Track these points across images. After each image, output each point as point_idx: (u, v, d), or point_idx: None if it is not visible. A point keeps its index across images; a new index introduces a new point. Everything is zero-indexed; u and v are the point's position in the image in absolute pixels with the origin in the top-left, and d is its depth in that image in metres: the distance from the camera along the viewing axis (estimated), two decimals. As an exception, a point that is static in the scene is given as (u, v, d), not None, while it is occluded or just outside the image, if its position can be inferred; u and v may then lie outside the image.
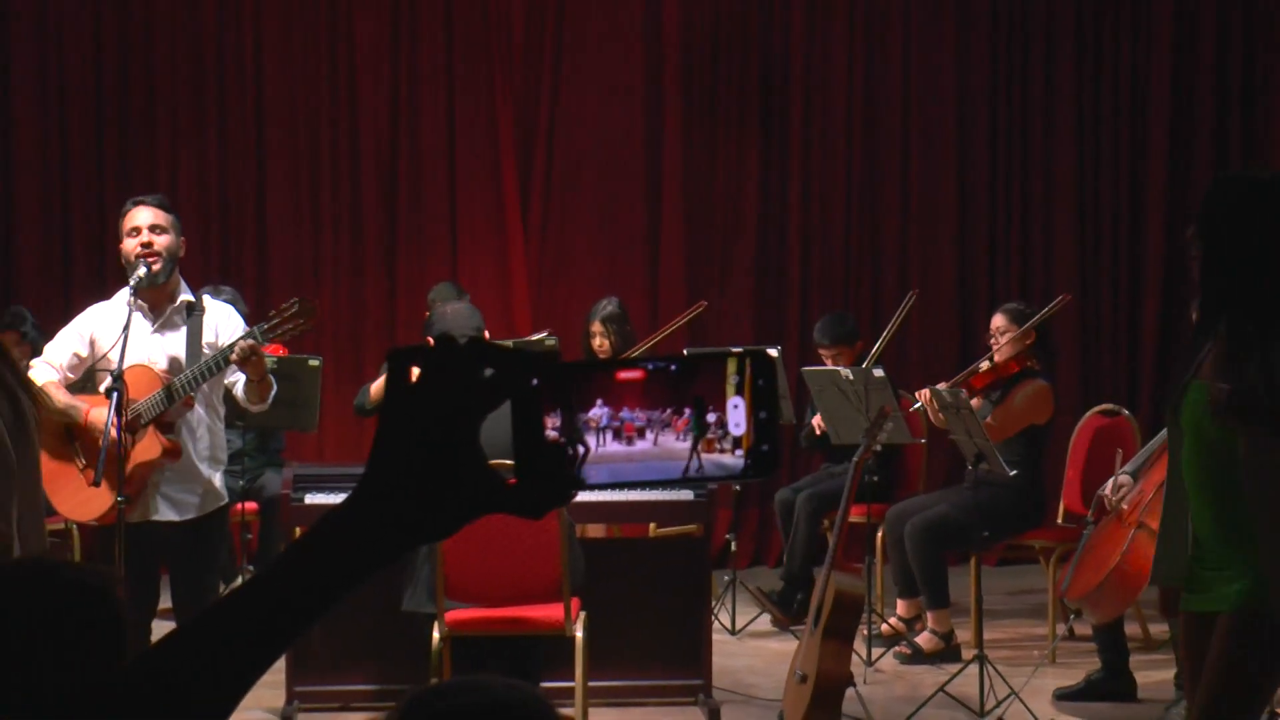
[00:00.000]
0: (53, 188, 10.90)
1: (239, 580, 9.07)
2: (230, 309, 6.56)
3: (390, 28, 11.10)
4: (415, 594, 6.54)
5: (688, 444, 1.43)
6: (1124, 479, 6.45)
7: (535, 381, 1.42)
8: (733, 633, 8.81)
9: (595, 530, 8.58)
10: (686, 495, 7.30)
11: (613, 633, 7.14)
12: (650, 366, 1.44)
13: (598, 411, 1.43)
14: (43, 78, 10.88)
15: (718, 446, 1.43)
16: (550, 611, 6.49)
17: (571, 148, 11.24)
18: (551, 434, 1.42)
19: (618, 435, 1.43)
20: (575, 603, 6.52)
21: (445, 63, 11.14)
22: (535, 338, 8.54)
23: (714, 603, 8.02)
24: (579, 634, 6.49)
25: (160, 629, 6.44)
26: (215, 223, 10.96)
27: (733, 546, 9.33)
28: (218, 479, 6.33)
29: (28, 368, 6.85)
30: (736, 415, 1.43)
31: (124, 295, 6.22)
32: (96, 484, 5.99)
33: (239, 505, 8.31)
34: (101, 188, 10.88)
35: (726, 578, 9.06)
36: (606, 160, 11.25)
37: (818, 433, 9.01)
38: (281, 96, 11.03)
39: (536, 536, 6.39)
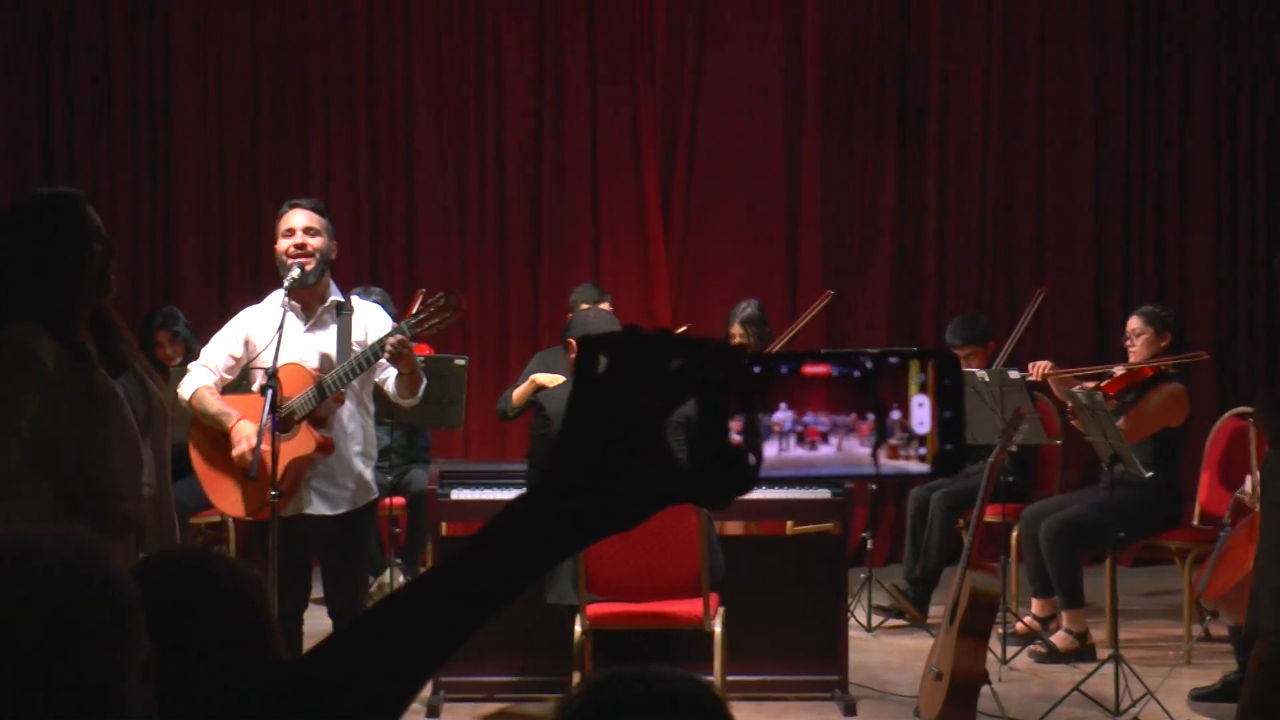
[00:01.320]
0: (211, 193, 11.16)
1: (387, 574, 9.28)
2: (379, 309, 6.70)
3: (535, 36, 11.25)
4: (558, 587, 6.65)
5: (870, 451, 1.42)
6: (1260, 480, 6.45)
7: (722, 376, 1.40)
8: (868, 629, 8.87)
9: (734, 527, 8.66)
10: (824, 493, 7.37)
11: (751, 628, 7.23)
12: (837, 367, 1.42)
13: (781, 415, 1.41)
14: (203, 87, 11.14)
15: (902, 453, 1.43)
16: (690, 606, 6.57)
17: (712, 152, 11.34)
18: (735, 437, 1.41)
19: (801, 440, 1.41)
20: (714, 598, 6.60)
21: (589, 69, 11.28)
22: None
23: (850, 600, 8.09)
24: (717, 629, 6.57)
25: (311, 619, 6.63)
26: (365, 226, 11.17)
27: (869, 544, 9.39)
28: (368, 473, 6.44)
29: (183, 368, 7.09)
30: (921, 414, 1.42)
31: (278, 296, 6.36)
32: (251, 479, 6.15)
33: (387, 500, 8.47)
34: (257, 193, 11.13)
35: (863, 575, 9.12)
36: (746, 164, 11.34)
37: None
38: (430, 104, 11.22)
39: (676, 532, 6.48)
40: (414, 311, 6.28)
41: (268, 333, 6.21)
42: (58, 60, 11.06)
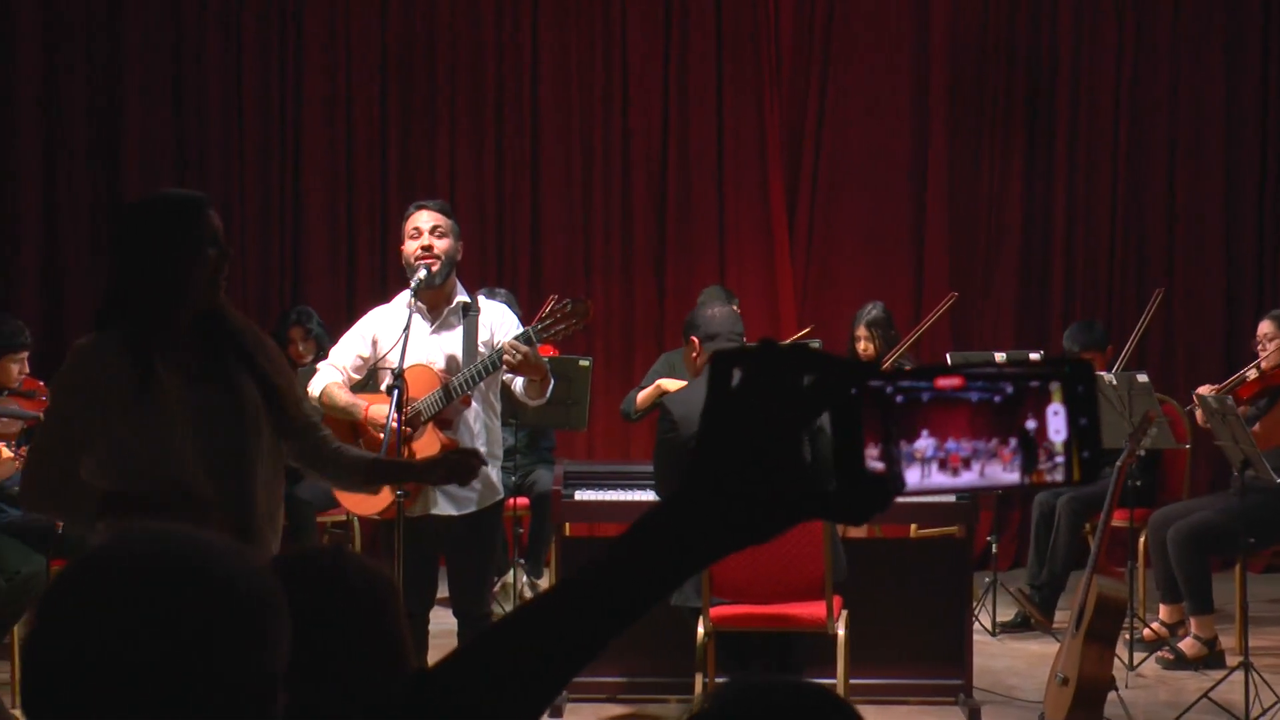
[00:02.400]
0: (338, 193, 11.28)
1: (510, 574, 9.33)
2: (505, 309, 6.73)
3: (662, 39, 11.28)
4: (683, 589, 6.67)
5: (1015, 476, 1.41)
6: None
7: (854, 391, 1.40)
8: (993, 634, 8.83)
9: (857, 530, 8.64)
10: (949, 497, 7.34)
11: (874, 631, 7.21)
12: (977, 393, 1.41)
13: (923, 443, 1.40)
14: (331, 87, 11.25)
15: (1048, 478, 1.42)
16: (813, 609, 6.57)
17: (838, 155, 11.32)
18: (875, 465, 1.40)
19: (943, 466, 1.41)
20: (837, 601, 6.59)
21: (715, 72, 11.28)
22: (796, 338, 8.64)
23: (974, 604, 8.05)
24: (841, 632, 6.56)
25: (436, 619, 6.68)
26: (491, 227, 11.24)
27: (994, 548, 9.34)
28: (494, 474, 6.47)
29: (313, 367, 7.17)
30: (1057, 423, 1.42)
31: (404, 297, 6.39)
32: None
33: (511, 500, 8.52)
34: (384, 194, 11.23)
35: (987, 579, 9.07)
36: (872, 167, 11.31)
37: None
38: (556, 106, 11.28)
39: (800, 535, 6.47)
40: (542, 316, 6.32)
41: (395, 333, 6.27)
42: (190, 62, 11.21)
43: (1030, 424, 1.41)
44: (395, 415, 6.00)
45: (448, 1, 11.23)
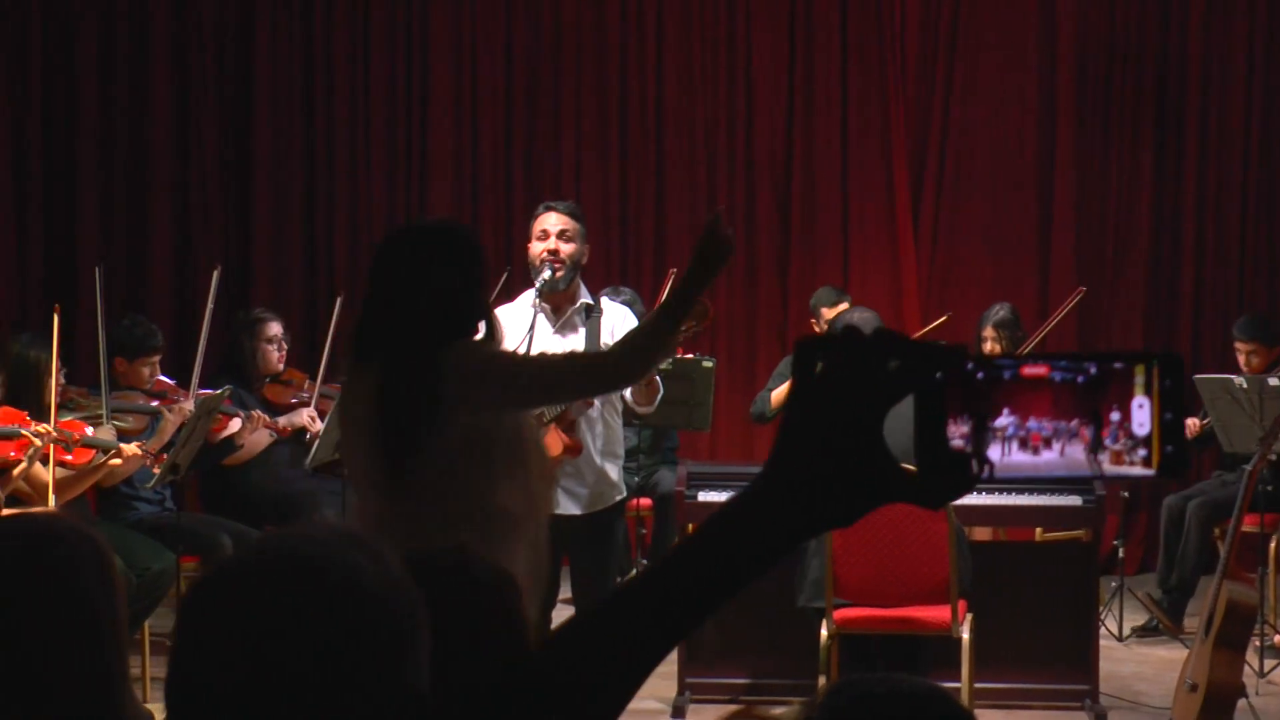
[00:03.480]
0: (463, 193, 11.34)
1: (633, 574, 9.35)
2: (627, 310, 6.74)
3: (787, 38, 11.25)
4: (808, 591, 6.66)
5: (1104, 459, 1.42)
6: None
7: (940, 376, 1.41)
8: (1120, 639, 8.74)
9: (982, 533, 8.59)
10: (1074, 500, 7.28)
11: (999, 635, 7.17)
12: (1059, 372, 1.42)
13: (1004, 421, 1.41)
14: (457, 88, 11.33)
15: (1126, 458, 1.43)
16: (938, 612, 6.54)
17: (963, 155, 11.25)
18: (958, 443, 1.41)
19: (1024, 445, 1.41)
20: (962, 604, 6.57)
21: (840, 72, 11.25)
22: (931, 327, 8.62)
23: (1101, 608, 7.98)
24: (965, 635, 6.53)
25: (559, 619, 6.70)
26: (615, 227, 11.27)
27: (1120, 553, 9.24)
28: (615, 473, 6.49)
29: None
30: (1141, 416, 1.42)
31: (529, 297, 6.41)
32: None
33: (634, 500, 8.54)
34: (509, 195, 11.29)
35: (1114, 583, 8.98)
36: (998, 167, 11.22)
37: (1191, 434, 8.89)
38: (681, 106, 11.29)
39: (925, 538, 6.46)
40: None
41: (518, 333, 6.29)
42: (319, 67, 11.33)
43: (1115, 414, 1.41)
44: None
45: (573, 4, 11.27)
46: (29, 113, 11.11)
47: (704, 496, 7.49)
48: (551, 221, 6.40)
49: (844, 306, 9.17)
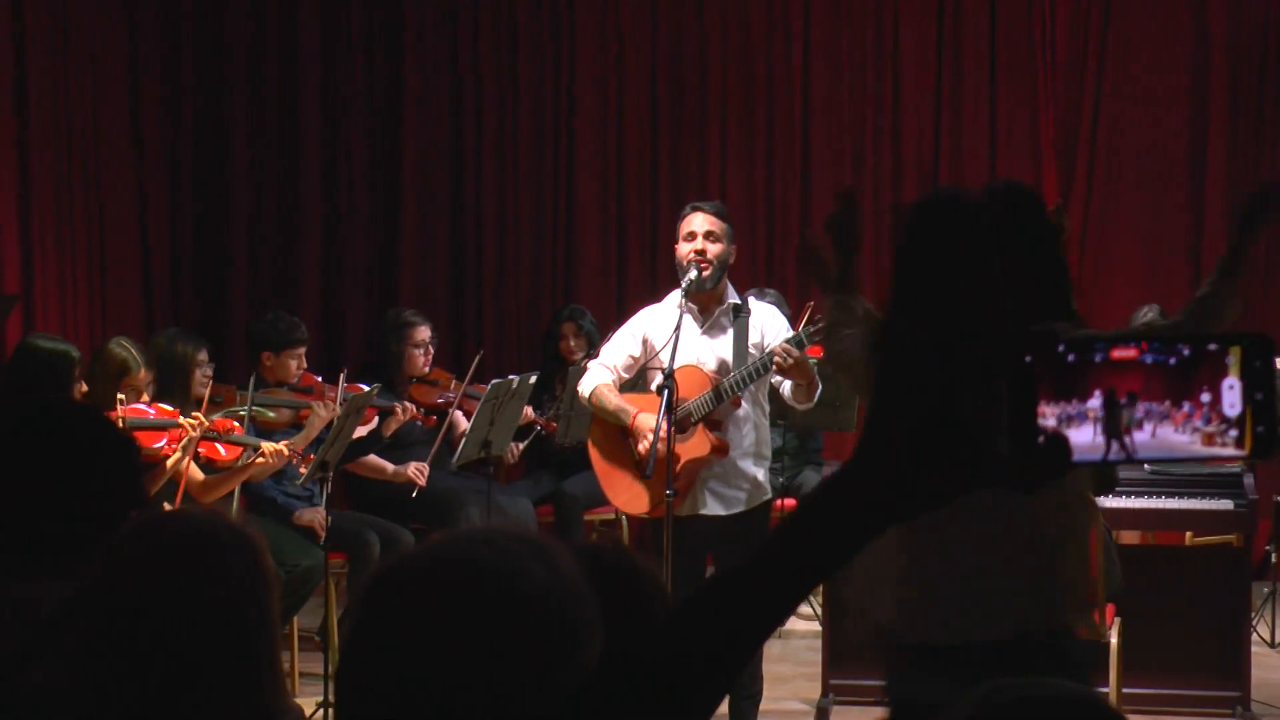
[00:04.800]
0: (609, 193, 11.38)
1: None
2: (775, 310, 6.74)
3: (935, 39, 11.17)
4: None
5: (1186, 437, 1.42)
6: None
7: (1028, 358, 1.42)
8: (1271, 645, 8.61)
9: (1130, 537, 8.49)
10: (1226, 504, 7.18)
11: (1148, 640, 7.08)
12: (1151, 354, 1.43)
13: (1095, 403, 1.42)
14: (603, 88, 11.37)
15: (1219, 440, 1.42)
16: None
17: (1113, 156, 11.10)
18: (1050, 423, 1.41)
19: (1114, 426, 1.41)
20: (1110, 608, 6.49)
21: (988, 72, 11.14)
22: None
23: (1253, 614, 7.86)
24: (1114, 640, 6.47)
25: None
26: (761, 227, 11.25)
27: (1273, 558, 9.10)
28: (762, 474, 6.49)
29: (582, 364, 7.25)
30: (1231, 397, 1.42)
31: (675, 297, 6.43)
32: (647, 477, 6.28)
33: (779, 501, 8.53)
34: (655, 194, 11.31)
35: (1266, 589, 8.85)
36: (1149, 168, 11.06)
37: None
38: (827, 107, 11.24)
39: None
40: (812, 318, 6.30)
41: (665, 333, 6.31)
42: (467, 65, 11.41)
43: (1205, 395, 1.42)
44: (665, 415, 6.05)
45: (719, 4, 11.27)
46: (180, 115, 11.28)
47: (849, 498, 7.45)
48: (698, 222, 6.42)
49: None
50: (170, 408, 7.15)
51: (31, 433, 3.09)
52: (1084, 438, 1.42)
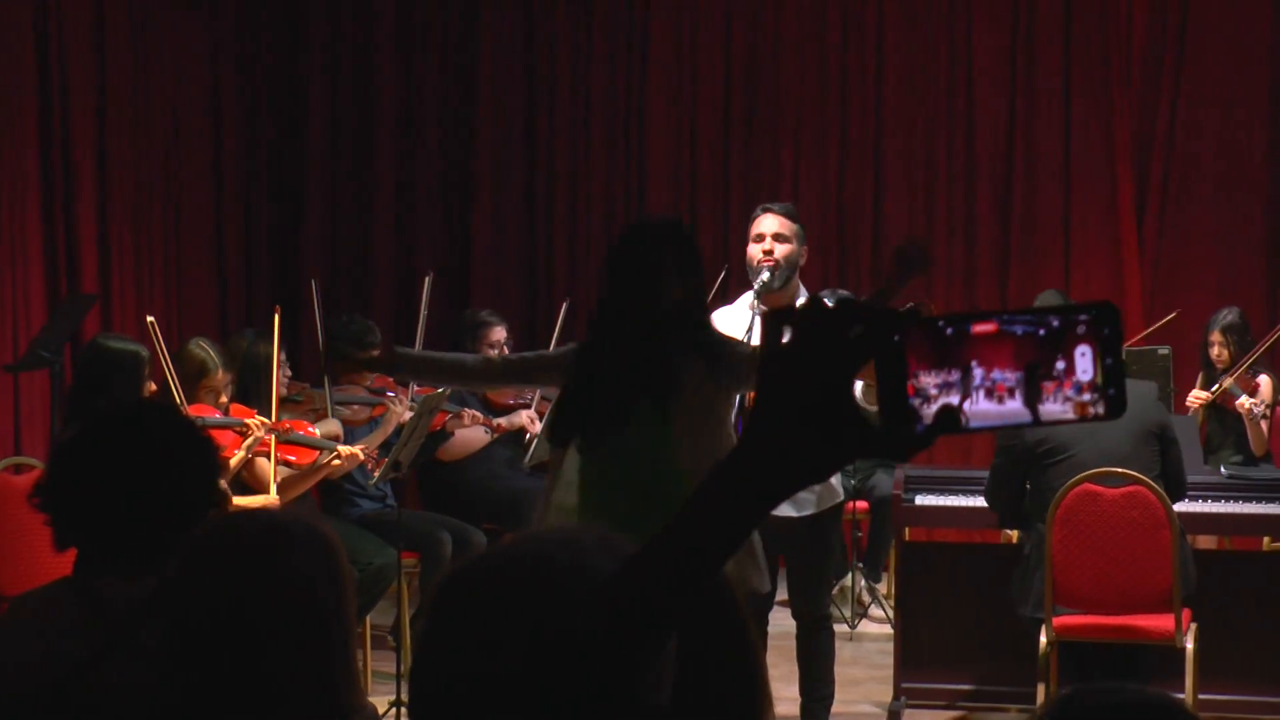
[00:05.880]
0: (682, 195, 11.39)
1: (849, 577, 9.33)
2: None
3: (1009, 39, 11.12)
4: (1032, 601, 6.57)
5: (1057, 404, 1.51)
6: None
7: (897, 338, 1.52)
8: (1350, 652, 8.52)
9: (1206, 541, 8.43)
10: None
11: (1224, 646, 7.03)
12: (1019, 326, 1.53)
13: (974, 372, 1.52)
14: (676, 90, 11.38)
15: (1091, 410, 1.52)
16: (1160, 621, 6.43)
17: (1190, 157, 11.01)
18: (933, 390, 1.52)
19: (990, 394, 1.52)
20: (1186, 613, 6.45)
21: (1063, 73, 11.08)
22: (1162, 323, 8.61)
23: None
24: (1189, 645, 6.42)
25: (775, 621, 6.73)
26: (833, 229, 11.24)
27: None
28: (834, 477, 6.51)
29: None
30: (1084, 362, 1.51)
31: (747, 299, 6.43)
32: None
33: (850, 504, 8.51)
34: (727, 196, 11.31)
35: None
36: (1225, 171, 10.97)
37: None
38: (900, 107, 11.22)
39: (1148, 545, 6.35)
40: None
41: (736, 334, 6.30)
42: (542, 68, 11.46)
43: (1060, 364, 1.52)
44: (737, 416, 6.04)
45: (793, 5, 11.26)
46: (257, 117, 11.37)
47: (921, 500, 7.45)
48: (768, 223, 6.41)
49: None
50: (247, 408, 7.20)
51: (113, 432, 3.12)
52: (962, 405, 1.52)
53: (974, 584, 7.45)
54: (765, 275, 6.31)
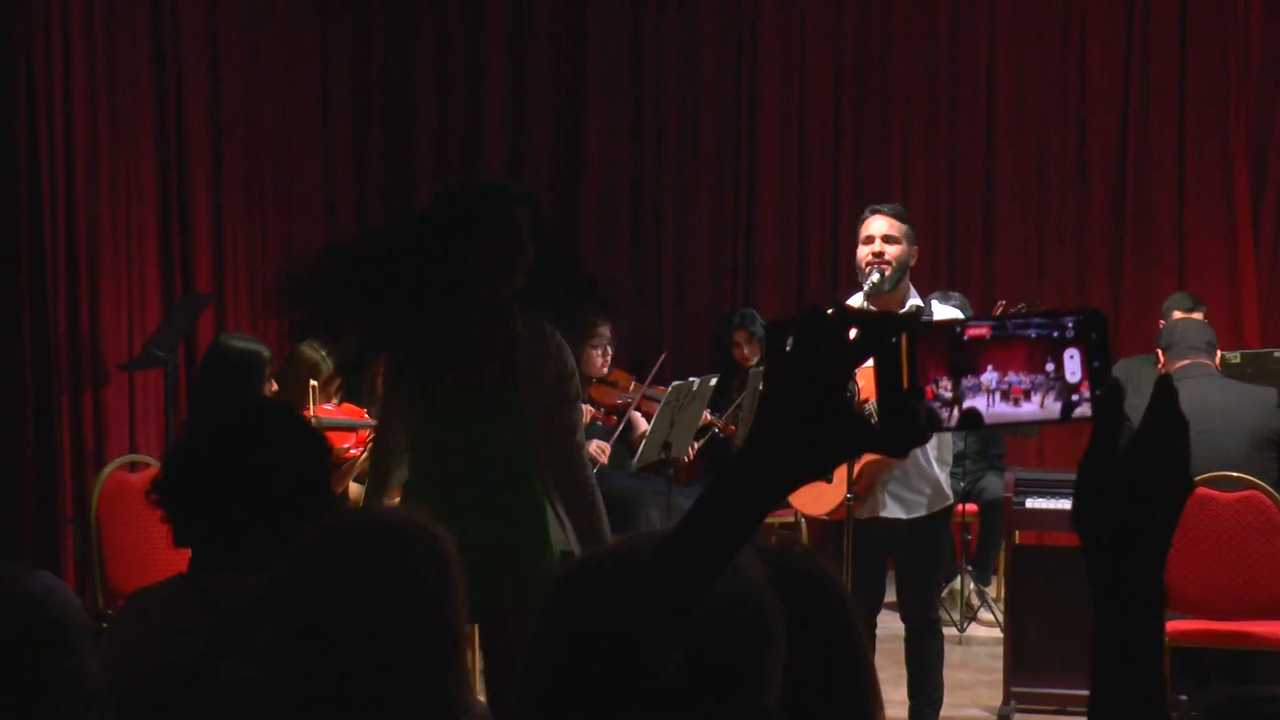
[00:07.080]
0: (790, 196, 11.37)
1: (958, 580, 9.27)
2: (957, 313, 6.70)
3: (1123, 37, 11.01)
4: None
5: (1045, 405, 1.58)
6: None
7: (895, 340, 1.58)
8: None
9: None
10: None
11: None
12: (1034, 329, 1.59)
13: (988, 376, 1.58)
14: (785, 91, 11.36)
15: (1079, 410, 1.58)
16: (1276, 627, 6.36)
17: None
18: (945, 393, 1.58)
19: (1006, 397, 1.58)
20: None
21: (1178, 71, 10.96)
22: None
23: None
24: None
25: (884, 624, 6.70)
26: (944, 230, 11.18)
27: None
28: (944, 479, 6.44)
29: (758, 369, 7.25)
30: (1072, 365, 1.58)
31: (856, 300, 6.41)
32: (828, 480, 6.27)
33: (960, 506, 8.46)
34: (836, 198, 11.28)
35: None
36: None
37: None
38: (1012, 108, 11.14)
39: (1263, 551, 6.29)
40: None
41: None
42: (650, 69, 11.48)
43: (1049, 366, 1.59)
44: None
45: (903, 5, 11.21)
46: (369, 120, 11.44)
47: (1032, 503, 7.39)
48: (877, 225, 6.39)
49: (1198, 316, 8.90)
50: (358, 408, 7.25)
51: (233, 432, 3.16)
52: (979, 403, 1.58)
53: (1084, 588, 7.36)
54: (875, 277, 6.29)
